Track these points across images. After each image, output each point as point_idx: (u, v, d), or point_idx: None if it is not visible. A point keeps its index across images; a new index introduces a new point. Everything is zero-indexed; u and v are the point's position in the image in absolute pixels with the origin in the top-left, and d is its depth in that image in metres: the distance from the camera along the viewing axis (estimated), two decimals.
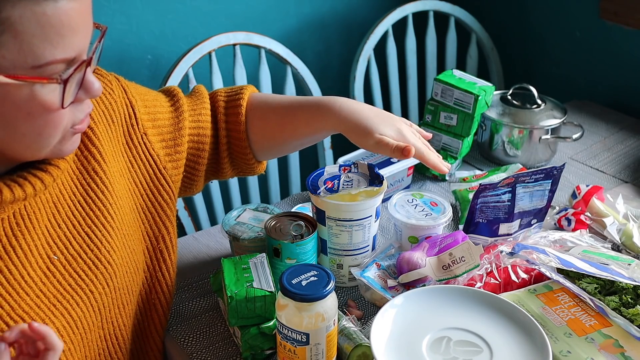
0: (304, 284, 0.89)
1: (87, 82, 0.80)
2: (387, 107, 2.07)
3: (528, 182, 1.16)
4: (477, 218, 1.17)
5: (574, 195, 1.33)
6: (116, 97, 0.98)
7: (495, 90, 1.56)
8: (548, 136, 1.51)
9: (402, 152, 0.99)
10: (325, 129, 1.07)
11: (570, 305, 1.01)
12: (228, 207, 1.87)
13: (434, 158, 1.05)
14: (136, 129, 1.00)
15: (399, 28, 2.02)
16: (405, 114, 2.13)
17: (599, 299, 1.01)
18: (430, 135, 1.11)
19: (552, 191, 1.19)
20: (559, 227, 1.29)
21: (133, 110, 1.00)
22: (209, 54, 1.69)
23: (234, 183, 1.83)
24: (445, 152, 1.49)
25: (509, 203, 1.16)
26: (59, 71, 0.75)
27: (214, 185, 1.81)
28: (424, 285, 1.05)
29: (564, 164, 1.19)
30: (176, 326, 1.10)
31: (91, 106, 0.85)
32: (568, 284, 1.03)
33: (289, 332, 0.89)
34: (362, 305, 1.13)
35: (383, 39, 1.98)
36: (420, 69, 2.13)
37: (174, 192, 1.05)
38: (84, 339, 0.89)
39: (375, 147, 1.02)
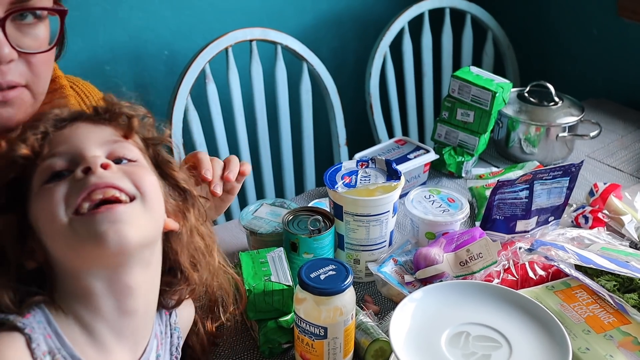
0: (322, 278, 0.89)
1: None
2: (403, 104, 2.07)
3: (546, 179, 1.16)
4: (494, 215, 1.16)
5: (591, 193, 1.32)
6: None
7: (512, 87, 1.56)
8: (565, 134, 1.50)
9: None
10: None
11: (588, 302, 1.01)
12: (243, 203, 1.87)
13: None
14: None
15: (415, 25, 2.01)
16: (420, 110, 2.13)
17: (619, 297, 1.01)
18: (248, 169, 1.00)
19: (570, 188, 1.19)
20: (576, 225, 1.28)
21: None
22: (226, 49, 1.70)
23: (249, 179, 1.83)
24: (462, 149, 1.49)
25: (527, 200, 1.16)
26: None
27: None
28: (441, 281, 1.05)
29: (582, 161, 1.18)
30: None
31: (12, 74, 0.77)
32: (587, 280, 1.03)
33: (307, 325, 0.90)
34: (378, 300, 1.13)
35: (399, 36, 1.97)
36: (436, 66, 2.12)
37: None
38: None
39: None
